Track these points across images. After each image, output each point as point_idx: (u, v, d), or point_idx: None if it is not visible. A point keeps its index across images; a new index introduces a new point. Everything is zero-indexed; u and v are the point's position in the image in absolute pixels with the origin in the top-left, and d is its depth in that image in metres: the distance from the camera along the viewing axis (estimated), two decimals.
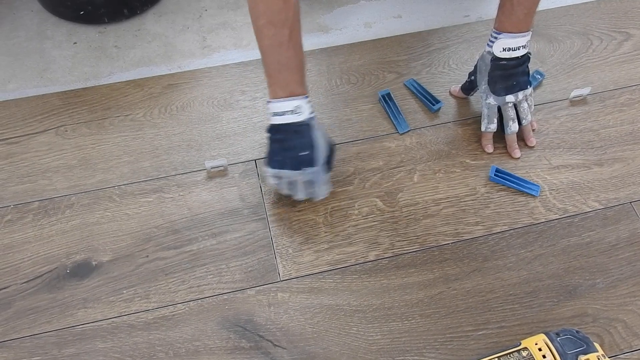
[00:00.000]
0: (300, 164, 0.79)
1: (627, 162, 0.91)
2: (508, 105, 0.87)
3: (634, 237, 0.84)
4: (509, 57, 0.85)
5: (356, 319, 0.78)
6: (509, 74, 0.86)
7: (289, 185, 0.82)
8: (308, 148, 0.78)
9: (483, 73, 0.88)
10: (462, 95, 0.96)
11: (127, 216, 0.85)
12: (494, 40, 0.85)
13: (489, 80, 0.87)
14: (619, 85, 0.99)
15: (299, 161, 0.79)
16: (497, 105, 0.88)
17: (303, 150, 0.78)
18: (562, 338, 0.72)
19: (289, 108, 0.77)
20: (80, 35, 1.05)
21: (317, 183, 0.81)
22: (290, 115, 0.78)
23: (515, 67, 0.86)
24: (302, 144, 0.78)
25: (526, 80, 0.87)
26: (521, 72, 0.86)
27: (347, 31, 1.07)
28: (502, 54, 0.84)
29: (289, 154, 0.79)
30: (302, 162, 0.79)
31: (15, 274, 0.80)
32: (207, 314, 0.78)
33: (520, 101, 0.87)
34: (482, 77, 0.88)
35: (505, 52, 0.84)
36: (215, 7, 1.09)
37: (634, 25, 1.06)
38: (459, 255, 0.83)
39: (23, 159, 0.90)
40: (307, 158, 0.79)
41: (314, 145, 0.78)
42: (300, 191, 0.82)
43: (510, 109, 0.88)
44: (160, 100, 0.96)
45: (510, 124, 0.88)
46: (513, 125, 0.89)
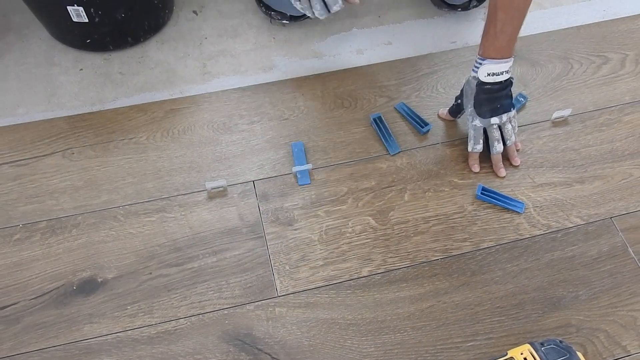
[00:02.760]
0: None
1: (606, 179, 0.96)
2: (493, 126, 0.92)
3: (615, 251, 0.88)
4: (493, 82, 0.90)
5: (350, 332, 0.81)
6: (493, 98, 0.91)
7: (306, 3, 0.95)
8: None
9: (469, 97, 0.93)
10: (449, 117, 1.01)
11: (131, 235, 0.89)
12: (479, 66, 0.90)
13: (474, 103, 0.92)
14: (598, 107, 1.04)
15: None
16: (483, 127, 0.93)
17: None
18: (546, 348, 0.76)
19: None
20: (86, 62, 1.10)
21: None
22: None
23: (499, 91, 0.91)
24: None
25: (510, 103, 0.92)
26: (505, 95, 0.92)
27: (341, 57, 1.12)
28: (486, 79, 0.90)
29: None
30: None
31: (24, 291, 0.83)
32: (208, 329, 0.81)
33: (505, 123, 0.92)
34: (468, 101, 0.93)
35: (490, 77, 0.89)
36: (214, 35, 1.15)
37: (612, 50, 1.12)
38: (448, 270, 0.87)
39: (31, 180, 0.94)
40: None
41: None
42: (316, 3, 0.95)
43: (495, 130, 0.93)
44: (162, 124, 1.01)
45: (495, 144, 0.93)
46: (498, 145, 0.93)
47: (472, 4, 1.14)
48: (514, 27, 0.87)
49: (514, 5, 0.85)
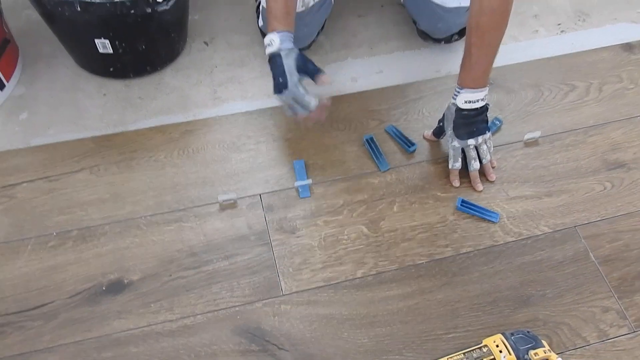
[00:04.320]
0: (278, 88, 0.98)
1: (571, 193, 1.08)
2: (470, 147, 1.05)
3: (578, 255, 1.01)
4: (470, 108, 1.03)
5: (347, 325, 0.93)
6: (470, 122, 1.04)
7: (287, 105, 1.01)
8: (281, 74, 0.97)
9: (449, 120, 1.06)
10: (433, 138, 1.14)
11: (152, 242, 1.01)
12: (457, 94, 1.03)
13: (454, 127, 1.05)
14: (566, 129, 1.17)
15: (279, 86, 0.98)
16: (461, 147, 1.06)
17: (278, 77, 0.98)
18: (516, 337, 0.88)
19: (267, 42, 0.98)
20: (109, 88, 1.22)
21: (300, 98, 0.98)
22: (268, 48, 0.98)
23: (476, 116, 1.04)
24: (277, 71, 0.98)
25: (485, 126, 1.05)
26: (480, 120, 1.04)
27: (336, 85, 1.25)
28: (464, 105, 1.03)
29: (275, 82, 0.99)
30: (279, 85, 0.98)
31: (59, 291, 0.95)
32: (222, 323, 0.93)
33: (480, 144, 1.05)
34: (448, 124, 1.06)
35: (467, 104, 1.02)
36: (224, 64, 1.28)
37: (578, 78, 1.25)
38: (432, 272, 0.99)
39: (63, 194, 1.05)
40: (282, 84, 0.97)
41: (284, 71, 0.96)
42: (290, 109, 1.00)
43: (472, 150, 1.05)
44: (178, 144, 1.13)
45: (472, 162, 1.06)
46: (475, 163, 1.06)
47: (453, 38, 1.28)
48: (487, 61, 1.01)
49: (486, 42, 0.98)
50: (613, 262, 1.00)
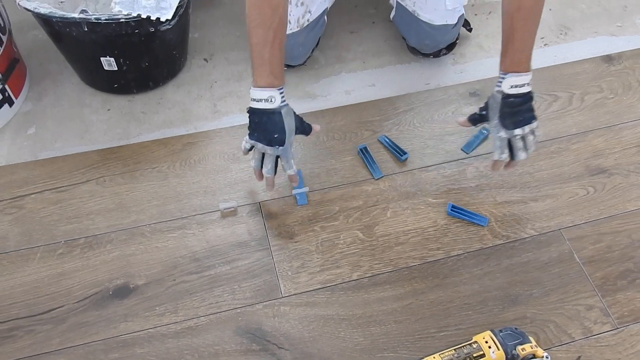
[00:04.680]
0: (272, 142, 0.98)
1: (556, 197, 1.14)
2: (517, 137, 1.00)
3: (563, 257, 1.06)
4: (517, 94, 0.97)
5: (344, 325, 0.97)
6: (516, 111, 0.99)
7: (260, 155, 1.00)
8: (279, 131, 0.97)
9: (494, 110, 1.00)
10: (468, 124, 1.09)
11: (157, 248, 1.05)
12: (502, 80, 0.98)
13: (499, 116, 1.00)
14: (550, 137, 1.23)
15: (270, 140, 0.98)
16: (508, 138, 1.01)
17: (275, 133, 0.97)
18: (504, 333, 0.92)
19: (265, 97, 0.96)
20: (113, 103, 1.27)
21: (286, 158, 1.00)
22: (265, 103, 0.96)
23: (522, 104, 0.99)
24: (275, 127, 0.97)
25: (532, 115, 1.00)
26: (527, 108, 0.99)
27: (331, 97, 1.31)
28: (510, 91, 0.97)
29: (263, 134, 0.98)
30: (273, 141, 0.98)
31: (68, 296, 0.99)
32: (224, 324, 0.97)
33: (527, 134, 1.00)
34: (494, 114, 1.01)
35: (513, 89, 0.97)
36: (223, 80, 1.33)
37: (561, 89, 1.31)
38: (424, 274, 1.03)
39: (70, 204, 1.10)
40: (278, 139, 0.98)
41: (284, 129, 0.97)
42: (268, 164, 1.00)
43: (519, 140, 1.01)
44: (181, 155, 1.18)
45: (519, 153, 1.01)
46: (521, 154, 1.01)
47: (442, 52, 1.34)
48: (530, 43, 0.98)
49: (529, 25, 0.97)
50: (596, 263, 1.05)
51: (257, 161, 1.02)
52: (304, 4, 1.22)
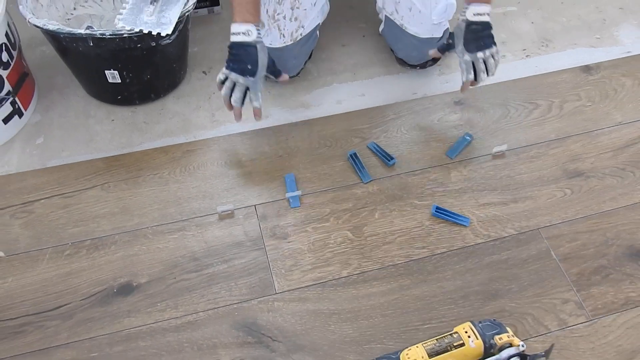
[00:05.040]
0: (244, 73, 1.10)
1: (535, 199, 1.20)
2: (479, 60, 1.15)
3: (540, 254, 1.12)
4: (478, 21, 1.13)
5: (334, 319, 1.04)
6: (478, 36, 1.14)
7: (232, 84, 1.12)
8: (252, 63, 1.10)
9: (459, 37, 1.16)
10: (438, 54, 1.25)
11: (158, 249, 1.12)
12: (466, 9, 1.14)
13: (464, 42, 1.15)
14: (530, 143, 1.30)
15: (243, 70, 1.10)
16: (471, 61, 1.16)
17: (248, 64, 1.10)
18: (483, 324, 0.98)
19: (242, 30, 1.09)
20: (117, 114, 1.35)
21: (254, 89, 1.13)
22: (243, 36, 1.09)
23: (483, 31, 1.14)
24: (249, 59, 1.10)
25: (491, 41, 1.16)
26: (487, 35, 1.15)
27: (323, 107, 1.38)
28: (473, 18, 1.13)
29: (238, 64, 1.11)
30: (246, 71, 1.11)
31: (75, 294, 1.05)
32: (222, 319, 1.03)
33: (488, 57, 1.16)
34: (459, 40, 1.16)
35: (476, 17, 1.13)
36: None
37: (541, 97, 1.39)
38: (410, 271, 1.10)
39: (77, 208, 1.17)
40: (250, 70, 1.11)
41: (257, 62, 1.10)
42: (237, 93, 1.12)
43: (481, 63, 1.16)
44: (181, 162, 1.25)
45: (481, 75, 1.17)
46: (483, 75, 1.17)
47: (428, 64, 1.41)
48: None
49: None
50: (572, 260, 1.11)
51: (228, 89, 1.14)
52: (297, 19, 1.29)
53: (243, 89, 1.13)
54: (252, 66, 1.11)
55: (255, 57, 1.11)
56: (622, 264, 1.11)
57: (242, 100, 1.14)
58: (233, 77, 1.12)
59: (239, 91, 1.13)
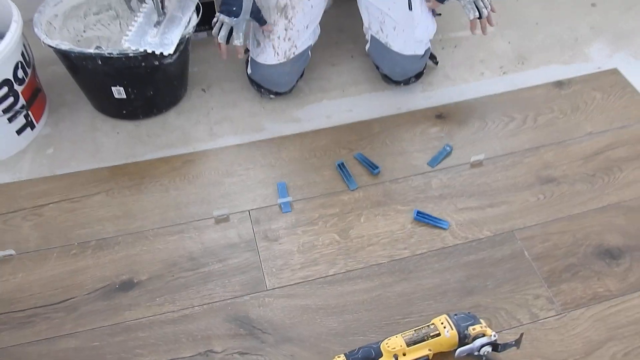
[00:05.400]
0: (230, 14, 1.30)
1: (510, 204, 1.29)
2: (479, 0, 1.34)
3: (514, 254, 1.20)
4: None
5: (320, 313, 1.11)
6: None
7: (220, 24, 1.31)
8: (237, 6, 1.29)
9: None
10: (437, 4, 1.40)
11: (158, 249, 1.20)
12: None
13: None
14: (506, 152, 1.39)
15: (229, 12, 1.30)
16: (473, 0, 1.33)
17: (234, 6, 1.29)
18: (458, 316, 1.05)
19: None
20: (122, 128, 1.45)
21: (237, 29, 1.31)
22: None
23: None
24: (234, 3, 1.29)
25: None
26: None
27: (314, 121, 1.47)
28: None
29: (225, 7, 1.30)
30: (231, 12, 1.30)
31: (80, 289, 1.14)
32: (216, 313, 1.11)
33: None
34: None
35: None
36: (219, 107, 1.51)
37: (517, 111, 1.48)
38: (392, 270, 1.18)
39: (83, 212, 1.26)
40: (235, 12, 1.29)
41: (241, 5, 1.29)
42: (223, 31, 1.31)
43: (480, 1, 1.33)
44: (181, 171, 1.35)
45: (483, 11, 1.34)
46: (485, 11, 1.34)
47: (411, 80, 1.52)
48: None
49: None
50: (544, 259, 1.19)
51: (217, 29, 1.33)
52: (291, 39, 1.40)
53: (228, 27, 1.32)
54: (236, 8, 1.29)
55: (241, 2, 1.29)
56: (591, 263, 1.19)
57: (226, 38, 1.32)
58: (221, 18, 1.32)
59: (224, 30, 1.32)
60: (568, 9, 1.78)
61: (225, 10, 1.30)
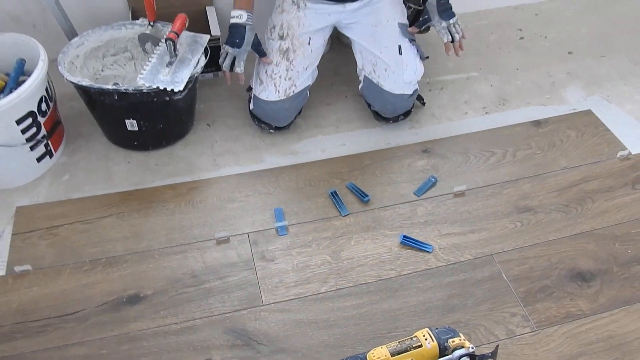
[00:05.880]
0: (233, 45, 1.46)
1: (489, 230, 1.39)
2: (451, 25, 1.52)
3: (493, 275, 1.30)
4: None
5: (312, 327, 1.20)
6: (446, 7, 1.51)
7: (225, 54, 1.47)
8: (240, 38, 1.46)
9: (433, 11, 1.51)
10: (415, 30, 1.57)
11: (163, 267, 1.30)
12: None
13: (438, 14, 1.51)
14: (486, 184, 1.50)
15: (233, 43, 1.46)
16: (447, 26, 1.51)
17: (237, 39, 1.46)
18: (439, 330, 1.13)
19: (235, 14, 1.46)
20: (133, 158, 1.57)
21: (238, 59, 1.47)
22: (237, 19, 1.46)
23: (447, 4, 1.51)
24: (238, 35, 1.46)
25: (454, 12, 1.52)
26: (450, 7, 1.52)
27: (310, 154, 1.59)
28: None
29: (230, 39, 1.47)
30: (234, 44, 1.46)
31: (90, 301, 1.23)
32: (215, 325, 1.20)
33: (455, 23, 1.52)
34: (434, 14, 1.51)
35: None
36: (222, 140, 1.63)
37: (497, 147, 1.60)
38: (380, 288, 1.27)
39: (95, 233, 1.36)
40: (238, 43, 1.46)
41: (244, 38, 1.46)
42: (227, 60, 1.47)
43: (453, 27, 1.52)
44: (186, 197, 1.46)
45: (455, 35, 1.52)
46: (457, 35, 1.53)
47: (400, 118, 1.65)
48: None
49: None
50: (521, 280, 1.29)
51: (222, 58, 1.49)
52: (290, 79, 1.54)
53: (232, 57, 1.48)
54: (239, 40, 1.46)
55: (243, 34, 1.46)
56: (564, 284, 1.28)
57: (229, 66, 1.48)
58: (226, 48, 1.48)
59: (228, 59, 1.48)
60: (546, 56, 1.94)
61: (229, 42, 1.47)
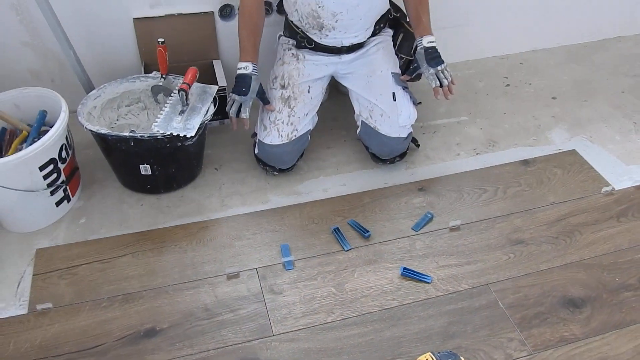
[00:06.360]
0: (240, 93, 1.59)
1: (484, 262, 1.48)
2: (439, 71, 1.61)
3: (490, 304, 1.37)
4: (431, 46, 1.62)
5: (320, 355, 1.26)
6: (434, 55, 1.62)
7: (232, 101, 1.60)
8: (246, 87, 1.59)
9: (422, 60, 1.62)
10: (407, 78, 1.70)
11: (177, 302, 1.37)
12: (421, 40, 1.63)
13: (426, 61, 1.61)
14: (480, 219, 1.60)
15: (239, 92, 1.59)
16: (435, 73, 1.61)
17: (243, 87, 1.59)
18: (441, 354, 1.21)
19: (242, 66, 1.60)
20: (145, 200, 1.66)
21: (244, 105, 1.60)
22: (243, 70, 1.59)
23: (435, 52, 1.62)
24: (244, 84, 1.59)
25: (442, 59, 1.62)
26: (438, 55, 1.62)
27: (312, 194, 1.69)
28: (429, 45, 1.62)
29: (237, 87, 1.60)
30: (241, 92, 1.59)
31: (109, 336, 1.29)
32: (229, 355, 1.26)
33: (444, 69, 1.62)
34: (423, 62, 1.62)
35: (430, 43, 1.62)
36: (229, 183, 1.73)
37: (488, 185, 1.71)
38: (383, 317, 1.34)
39: (112, 271, 1.44)
40: (244, 91, 1.59)
41: (249, 87, 1.59)
42: (234, 107, 1.60)
43: (441, 73, 1.61)
44: (197, 236, 1.54)
45: (444, 80, 1.62)
46: (445, 81, 1.62)
47: (396, 159, 1.76)
48: (428, 17, 1.65)
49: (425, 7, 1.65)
50: (516, 307, 1.36)
51: (229, 105, 1.61)
52: (292, 124, 1.66)
53: (238, 104, 1.60)
54: (245, 89, 1.59)
55: (249, 83, 1.59)
56: (557, 310, 1.36)
57: (236, 112, 1.60)
58: (233, 96, 1.61)
59: (235, 106, 1.60)
60: (531, 101, 2.08)
61: (236, 90, 1.60)
